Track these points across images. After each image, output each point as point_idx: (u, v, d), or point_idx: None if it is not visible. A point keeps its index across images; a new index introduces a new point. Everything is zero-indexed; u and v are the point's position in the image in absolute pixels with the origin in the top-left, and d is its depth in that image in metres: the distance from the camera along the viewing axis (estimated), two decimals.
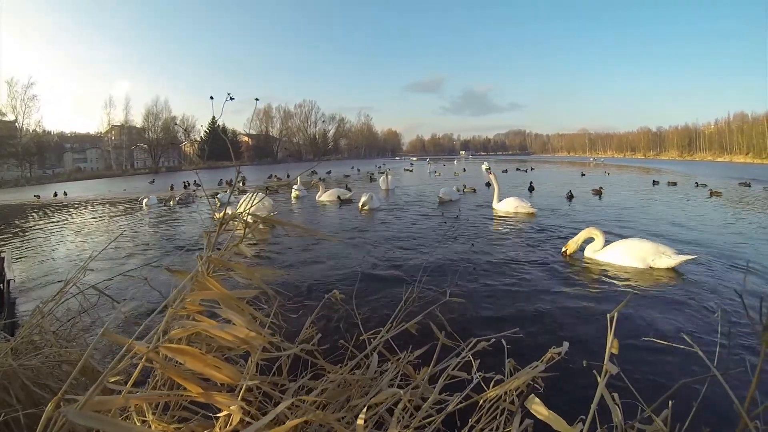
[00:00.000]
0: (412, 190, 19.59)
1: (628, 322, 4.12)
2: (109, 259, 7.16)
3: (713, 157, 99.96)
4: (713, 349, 1.65)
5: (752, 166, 62.85)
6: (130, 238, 9.51)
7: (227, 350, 1.56)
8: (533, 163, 60.01)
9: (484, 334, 1.90)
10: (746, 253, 7.05)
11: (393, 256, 6.92)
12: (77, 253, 8.25)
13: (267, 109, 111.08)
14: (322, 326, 2.71)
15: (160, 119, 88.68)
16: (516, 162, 62.79)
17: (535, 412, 1.38)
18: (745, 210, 12.87)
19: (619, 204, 13.73)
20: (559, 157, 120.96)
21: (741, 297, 1.47)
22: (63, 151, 79.69)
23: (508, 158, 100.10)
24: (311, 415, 1.25)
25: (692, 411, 1.60)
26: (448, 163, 57.79)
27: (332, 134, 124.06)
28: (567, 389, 2.62)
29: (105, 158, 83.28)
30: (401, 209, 12.68)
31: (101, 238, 9.78)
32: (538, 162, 65.82)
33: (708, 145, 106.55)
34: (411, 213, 11.94)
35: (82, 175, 68.84)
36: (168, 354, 1.09)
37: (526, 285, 5.37)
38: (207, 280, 1.27)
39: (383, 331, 2.02)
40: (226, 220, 1.54)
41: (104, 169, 77.68)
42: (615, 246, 6.47)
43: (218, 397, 1.16)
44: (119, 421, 0.97)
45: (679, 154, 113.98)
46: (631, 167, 49.88)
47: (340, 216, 12.06)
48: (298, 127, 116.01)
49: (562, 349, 1.66)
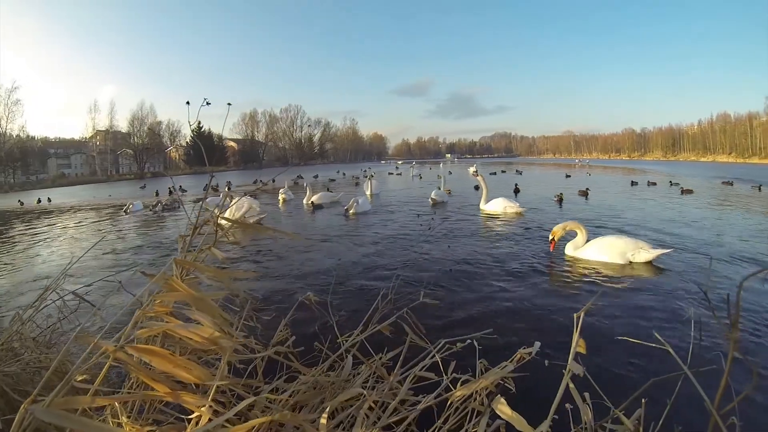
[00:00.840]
0: (396, 194, 19.60)
1: (603, 321, 4.16)
2: (91, 265, 7.11)
3: (697, 157, 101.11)
4: (688, 346, 1.70)
5: (735, 166, 63.70)
6: (113, 243, 9.43)
7: (202, 353, 1.58)
8: (519, 165, 60.21)
9: (459, 335, 1.93)
10: (720, 247, 7.27)
11: (370, 259, 6.94)
12: (59, 259, 8.17)
13: (253, 114, 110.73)
14: (298, 329, 2.72)
15: (145, 124, 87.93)
16: (502, 164, 63.00)
17: (500, 413, 1.41)
18: (721, 207, 13.24)
19: (603, 204, 13.97)
20: (544, 159, 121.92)
21: (705, 294, 1.52)
22: (47, 157, 78.41)
23: (494, 161, 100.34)
24: (277, 415, 1.27)
25: (666, 409, 1.65)
26: (434, 166, 57.80)
27: (318, 138, 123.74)
28: (542, 389, 2.66)
29: (90, 164, 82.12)
30: (385, 213, 12.67)
31: (84, 245, 9.69)
32: (523, 164, 66.07)
33: (692, 146, 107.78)
34: (393, 217, 11.97)
35: (66, 180, 67.91)
36: (135, 354, 1.11)
37: (507, 285, 5.40)
38: (175, 282, 1.29)
39: (355, 333, 2.04)
40: (199, 224, 1.57)
41: (89, 175, 76.77)
42: (595, 243, 6.63)
43: (187, 398, 1.18)
44: (85, 419, 0.99)
45: (663, 154, 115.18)
46: (616, 168, 50.32)
47: (324, 220, 12.05)
48: (284, 131, 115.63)
49: (533, 350, 1.68)
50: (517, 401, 1.74)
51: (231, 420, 1.34)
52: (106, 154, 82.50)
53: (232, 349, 1.34)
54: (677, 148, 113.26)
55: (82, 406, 1.05)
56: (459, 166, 61.56)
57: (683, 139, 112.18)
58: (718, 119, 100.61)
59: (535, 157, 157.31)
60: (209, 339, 1.19)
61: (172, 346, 1.43)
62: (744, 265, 6.09)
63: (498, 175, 35.32)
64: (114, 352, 1.09)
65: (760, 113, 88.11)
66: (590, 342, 3.56)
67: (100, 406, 1.27)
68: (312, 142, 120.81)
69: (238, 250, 7.71)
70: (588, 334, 3.76)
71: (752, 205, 13.73)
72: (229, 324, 1.43)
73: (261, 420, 1.19)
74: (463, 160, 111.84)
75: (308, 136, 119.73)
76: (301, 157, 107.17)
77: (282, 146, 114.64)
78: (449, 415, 1.62)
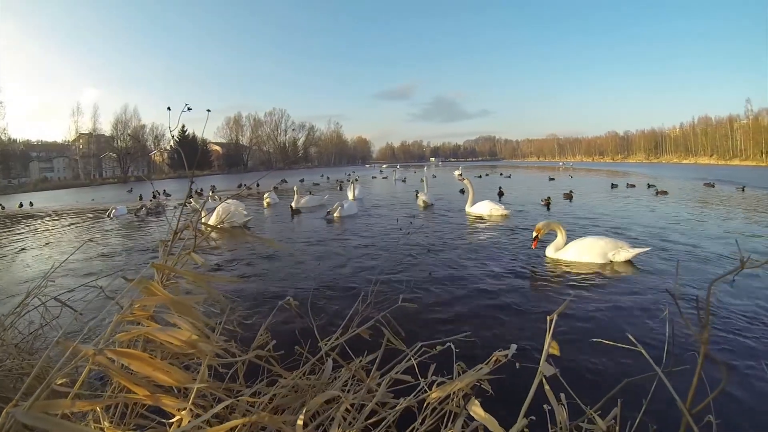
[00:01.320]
0: (380, 198, 19.64)
1: (581, 323, 4.21)
2: (74, 270, 7.05)
3: (679, 159, 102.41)
4: (664, 345, 1.76)
5: (716, 167, 64.60)
6: (96, 248, 9.34)
7: (183, 357, 1.61)
8: (503, 168, 60.57)
9: (439, 338, 1.97)
10: (695, 247, 7.42)
11: (351, 262, 6.95)
12: (41, 264, 8.09)
13: (237, 117, 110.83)
14: (278, 333, 2.74)
15: (129, 127, 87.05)
16: (487, 168, 63.34)
17: (474, 414, 1.45)
18: (696, 207, 13.56)
19: (585, 206, 14.18)
20: (528, 162, 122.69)
21: (673, 296, 1.56)
22: (29, 160, 77.19)
23: (478, 164, 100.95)
24: (255, 417, 1.30)
25: (642, 408, 1.70)
26: (418, 170, 57.94)
27: (302, 142, 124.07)
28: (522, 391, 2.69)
29: (72, 167, 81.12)
30: (368, 217, 12.67)
31: (67, 250, 9.59)
32: (508, 167, 66.43)
33: (674, 148, 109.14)
34: (376, 220, 12.00)
35: (48, 184, 67.14)
36: (114, 357, 1.14)
37: (488, 287, 5.43)
38: (154, 287, 1.32)
39: (333, 337, 2.07)
40: (180, 229, 1.59)
41: (72, 179, 75.84)
42: (575, 244, 6.73)
43: (167, 401, 1.21)
44: (65, 422, 1.02)
45: (646, 157, 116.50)
46: (600, 170, 50.81)
47: (308, 223, 12.03)
48: (268, 135, 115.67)
49: (509, 352, 1.71)
50: (496, 403, 1.78)
51: (212, 423, 1.37)
52: (89, 158, 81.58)
53: (212, 352, 1.36)
54: (660, 151, 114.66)
55: (63, 410, 1.07)
56: (443, 169, 61.73)
57: (665, 142, 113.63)
58: (700, 122, 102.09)
59: (519, 160, 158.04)
60: (189, 342, 1.22)
61: (153, 351, 1.45)
62: (716, 264, 6.26)
63: (483, 178, 35.53)
64: (93, 355, 1.11)
65: (741, 116, 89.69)
66: (568, 344, 3.63)
67: (82, 412, 1.28)
68: (296, 146, 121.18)
69: (218, 254, 7.69)
70: (565, 336, 3.86)
71: (732, 205, 14.06)
72: (210, 328, 1.46)
73: (239, 421, 1.21)
74: (447, 164, 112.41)
75: (292, 140, 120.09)
76: (285, 161, 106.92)
77: (266, 150, 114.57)
78: (426, 417, 1.66)
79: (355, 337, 2.08)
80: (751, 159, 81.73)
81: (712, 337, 3.77)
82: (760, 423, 2.60)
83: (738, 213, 12.12)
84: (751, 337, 3.85)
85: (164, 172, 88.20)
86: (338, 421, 1.48)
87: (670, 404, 1.37)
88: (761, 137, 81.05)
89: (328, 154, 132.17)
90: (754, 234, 8.94)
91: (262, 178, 9.56)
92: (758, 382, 3.10)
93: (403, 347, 1.94)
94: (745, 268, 1.17)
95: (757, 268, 2.66)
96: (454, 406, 1.65)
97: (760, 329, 4.01)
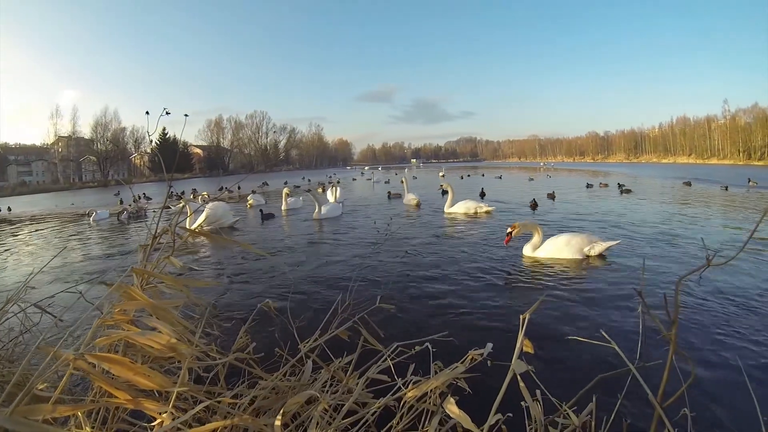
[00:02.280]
0: (361, 200, 19.61)
1: (556, 321, 4.29)
2: (54, 276, 6.96)
3: (658, 159, 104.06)
4: (638, 341, 1.81)
5: (695, 167, 65.71)
6: (76, 253, 9.23)
7: (164, 361, 1.62)
8: (485, 169, 60.97)
9: (417, 338, 2.01)
10: (667, 244, 7.66)
11: (330, 264, 6.97)
12: (20, 270, 7.96)
13: (218, 120, 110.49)
14: (258, 336, 2.76)
15: (109, 130, 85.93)
16: (468, 169, 63.74)
17: (450, 412, 1.49)
18: (672, 205, 13.88)
19: (565, 205, 14.38)
20: (509, 163, 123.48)
21: (640, 294, 1.61)
22: (7, 164, 75.95)
23: (460, 165, 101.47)
24: (236, 419, 1.32)
25: (617, 403, 1.76)
26: (399, 171, 58.00)
27: (283, 145, 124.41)
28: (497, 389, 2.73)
29: (52, 171, 79.70)
30: (348, 219, 12.64)
31: (46, 255, 9.45)
32: (489, 168, 66.96)
33: (653, 148, 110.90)
34: (356, 222, 12.04)
35: (27, 188, 65.90)
36: (94, 362, 1.15)
37: (466, 287, 5.50)
38: (134, 291, 1.33)
39: (312, 339, 2.09)
40: (159, 234, 1.61)
41: (51, 183, 74.69)
42: (551, 242, 6.92)
43: (148, 404, 1.22)
44: (47, 426, 1.03)
45: (626, 156, 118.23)
46: (581, 170, 51.36)
47: (291, 225, 12.03)
48: (250, 137, 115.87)
49: (484, 351, 1.75)
50: (473, 401, 1.82)
51: (193, 426, 1.39)
52: (68, 161, 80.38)
53: (191, 355, 1.38)
54: (639, 151, 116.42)
55: (45, 415, 1.08)
56: (425, 171, 61.91)
57: (645, 142, 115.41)
58: (678, 122, 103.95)
59: (501, 161, 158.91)
60: (168, 346, 1.23)
61: (134, 356, 1.47)
62: (684, 260, 6.49)
63: (464, 179, 35.84)
64: (74, 360, 1.12)
65: (718, 116, 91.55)
66: (544, 341, 3.68)
67: (64, 417, 1.30)
68: (277, 148, 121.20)
69: (198, 257, 7.67)
70: (541, 333, 3.93)
71: (691, 202, 14.52)
72: (189, 331, 1.48)
73: (220, 423, 1.23)
74: (428, 165, 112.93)
75: (273, 142, 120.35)
76: (266, 163, 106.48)
77: (248, 153, 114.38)
78: (403, 415, 1.69)
79: (334, 339, 2.11)
80: (729, 158, 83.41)
81: (682, 333, 3.87)
82: (734, 414, 2.68)
83: (713, 210, 12.40)
84: (718, 331, 3.96)
85: (145, 176, 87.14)
86: (316, 420, 1.51)
87: (645, 399, 1.41)
88: (738, 137, 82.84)
89: (310, 157, 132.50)
90: (727, 226, 9.32)
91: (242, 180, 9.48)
92: (728, 373, 3.21)
93: (381, 348, 1.97)
94: (711, 265, 1.22)
95: (721, 265, 2.74)
96: (431, 404, 1.68)
97: (727, 323, 4.15)
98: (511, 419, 1.62)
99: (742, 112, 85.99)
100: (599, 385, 1.58)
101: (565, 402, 1.67)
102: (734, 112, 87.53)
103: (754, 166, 66.36)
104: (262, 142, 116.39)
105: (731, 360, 3.38)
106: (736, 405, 2.76)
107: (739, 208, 12.96)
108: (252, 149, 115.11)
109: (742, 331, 3.94)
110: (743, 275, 5.62)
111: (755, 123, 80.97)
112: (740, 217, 11.11)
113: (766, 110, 79.97)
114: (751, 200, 15.44)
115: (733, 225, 9.84)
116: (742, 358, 3.35)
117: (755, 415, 1.63)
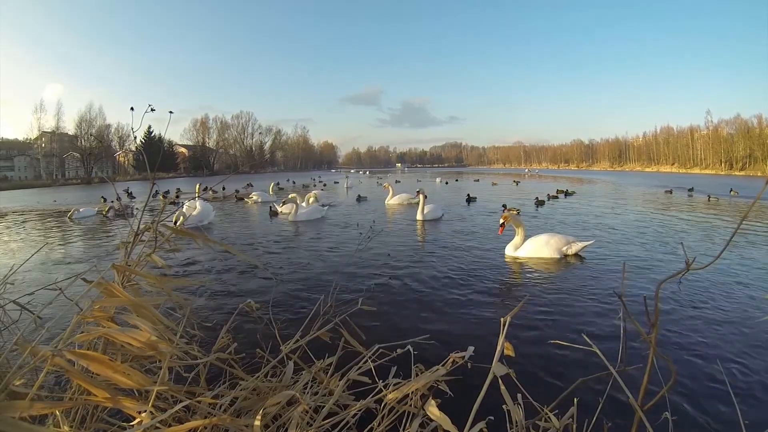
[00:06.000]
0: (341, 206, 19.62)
1: (538, 324, 4.32)
2: (34, 273, 6.85)
3: (642, 167, 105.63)
4: (618, 345, 1.83)
5: (677, 175, 66.81)
6: (58, 250, 9.10)
7: (144, 360, 1.60)
8: (470, 175, 61.29)
9: (398, 340, 2.01)
10: (646, 250, 7.80)
11: (312, 267, 6.98)
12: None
13: (204, 120, 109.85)
14: (240, 336, 2.75)
15: (93, 126, 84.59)
16: (453, 174, 63.98)
17: (430, 414, 1.50)
18: (654, 211, 14.26)
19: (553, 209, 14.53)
20: (494, 169, 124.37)
21: (620, 297, 1.62)
22: None
23: (445, 170, 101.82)
24: (215, 419, 1.31)
25: (599, 406, 1.77)
26: (383, 175, 58.01)
27: (269, 146, 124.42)
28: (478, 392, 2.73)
29: (34, 167, 78.23)
30: (331, 223, 12.64)
31: (26, 252, 9.30)
32: (474, 174, 67.31)
33: (637, 156, 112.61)
34: (337, 225, 12.12)
35: (8, 184, 64.77)
36: (72, 358, 1.14)
37: (447, 290, 5.53)
38: (114, 288, 1.32)
39: (293, 340, 2.08)
40: (140, 231, 1.59)
41: (33, 179, 73.29)
42: (531, 242, 7.20)
43: (127, 403, 1.21)
44: (22, 423, 1.01)
45: (610, 165, 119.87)
46: (563, 177, 51.88)
47: (271, 226, 12.11)
48: (235, 138, 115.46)
49: (465, 354, 1.75)
50: (454, 403, 1.82)
51: (172, 425, 1.37)
52: (51, 157, 79.03)
53: (172, 354, 1.37)
54: (623, 159, 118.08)
55: (21, 412, 1.06)
56: (409, 175, 61.94)
57: (629, 150, 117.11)
58: (662, 132, 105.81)
59: (486, 167, 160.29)
60: (148, 344, 1.22)
61: (113, 353, 1.45)
62: (664, 265, 6.66)
63: (451, 184, 36.24)
64: (51, 357, 1.11)
65: (701, 126, 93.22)
66: (526, 345, 3.71)
67: (42, 416, 1.28)
68: (263, 149, 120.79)
69: (180, 256, 7.60)
70: (523, 337, 3.93)
71: (672, 208, 14.67)
72: (170, 330, 1.46)
73: (199, 423, 1.22)
74: (413, 170, 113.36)
75: (259, 143, 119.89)
76: (251, 164, 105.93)
77: (233, 153, 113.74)
78: (384, 417, 1.69)
79: (316, 340, 2.10)
80: (711, 168, 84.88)
81: (662, 336, 3.92)
82: (715, 417, 2.72)
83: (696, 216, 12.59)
84: (699, 334, 4.03)
85: (129, 174, 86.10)
86: (296, 422, 1.50)
87: (626, 402, 1.42)
88: (720, 147, 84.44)
89: (295, 159, 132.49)
90: (707, 232, 9.52)
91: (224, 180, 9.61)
92: (709, 376, 3.27)
93: (362, 349, 1.97)
94: (691, 269, 1.23)
95: (701, 269, 2.78)
96: (412, 406, 1.68)
97: (707, 326, 4.24)
98: (493, 422, 1.63)
99: (725, 123, 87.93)
100: (581, 388, 1.58)
101: (546, 405, 1.67)
102: (717, 123, 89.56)
103: (735, 176, 67.57)
104: (247, 143, 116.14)
105: (712, 363, 3.43)
106: (717, 408, 2.80)
107: (721, 215, 13.34)
108: (237, 150, 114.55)
109: (722, 335, 4.02)
110: (723, 279, 5.79)
111: (737, 134, 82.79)
112: (721, 224, 11.42)
113: (748, 122, 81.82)
114: (731, 209, 15.75)
115: (714, 231, 10.04)
116: (722, 362, 3.41)
117: (736, 419, 1.65)
